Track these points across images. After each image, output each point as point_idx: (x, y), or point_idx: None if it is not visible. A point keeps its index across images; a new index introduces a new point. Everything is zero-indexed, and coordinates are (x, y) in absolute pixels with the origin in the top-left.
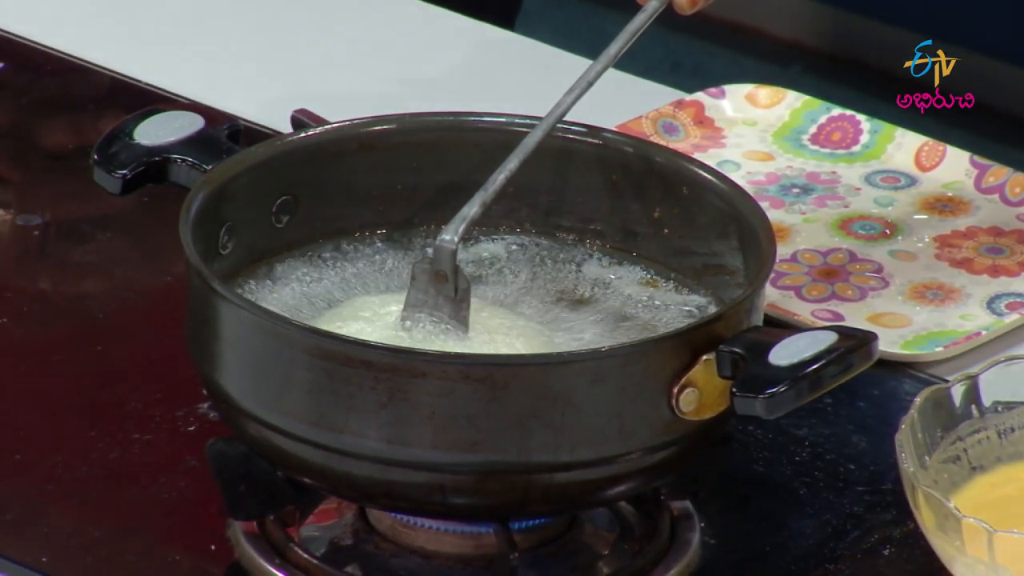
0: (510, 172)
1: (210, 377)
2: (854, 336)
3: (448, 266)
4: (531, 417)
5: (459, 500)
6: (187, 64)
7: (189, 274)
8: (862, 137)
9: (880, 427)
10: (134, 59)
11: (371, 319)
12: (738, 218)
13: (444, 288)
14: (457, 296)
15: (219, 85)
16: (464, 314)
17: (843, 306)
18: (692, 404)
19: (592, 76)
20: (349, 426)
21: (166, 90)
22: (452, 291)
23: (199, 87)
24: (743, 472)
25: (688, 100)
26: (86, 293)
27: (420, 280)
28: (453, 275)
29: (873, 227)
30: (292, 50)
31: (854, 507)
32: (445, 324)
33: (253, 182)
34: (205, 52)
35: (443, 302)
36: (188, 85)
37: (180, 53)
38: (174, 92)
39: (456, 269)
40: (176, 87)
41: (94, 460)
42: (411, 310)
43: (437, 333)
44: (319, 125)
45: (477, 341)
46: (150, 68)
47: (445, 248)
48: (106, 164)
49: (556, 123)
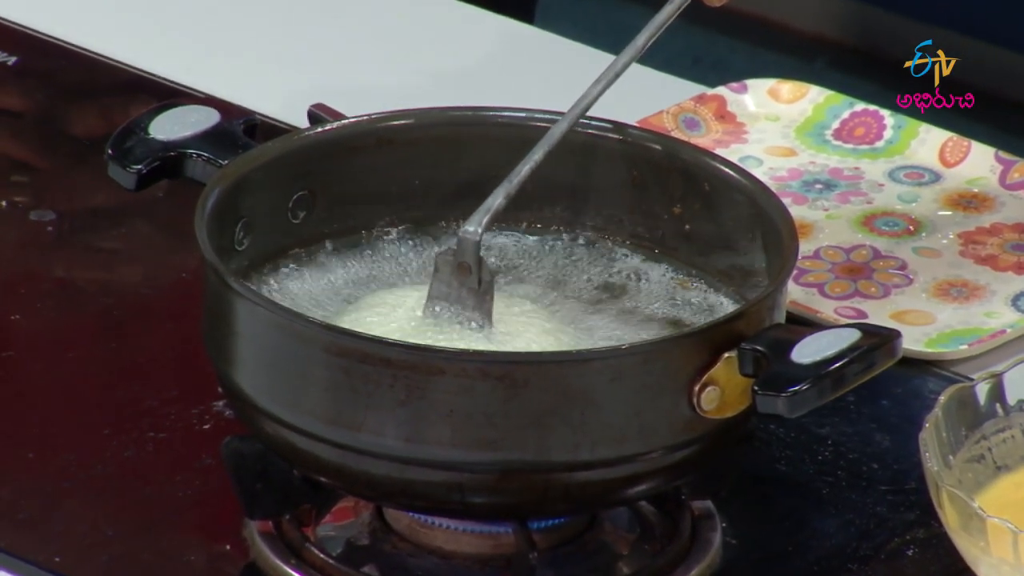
0: (535, 163)
1: (226, 374)
2: (877, 334)
3: (472, 258)
4: (550, 415)
5: (477, 499)
6: (203, 58)
7: (204, 270)
8: (886, 132)
9: (904, 426)
10: (149, 53)
11: (389, 315)
12: (760, 214)
13: (468, 280)
14: (481, 288)
15: (235, 79)
16: (488, 306)
17: (866, 303)
18: (713, 402)
19: (619, 67)
20: (366, 424)
21: (182, 84)
22: (476, 283)
23: (215, 81)
24: (765, 471)
25: (710, 95)
26: (100, 288)
27: (443, 272)
28: (477, 267)
29: (897, 223)
30: (309, 44)
31: (877, 507)
32: (467, 316)
33: (269, 177)
34: (221, 46)
35: (466, 294)
36: (204, 79)
37: (196, 47)
38: (190, 86)
39: (480, 261)
40: (192, 81)
41: (108, 458)
42: (433, 302)
43: (458, 326)
44: (336, 120)
45: (498, 336)
46: (165, 62)
47: (469, 239)
48: (121, 159)
49: (583, 114)
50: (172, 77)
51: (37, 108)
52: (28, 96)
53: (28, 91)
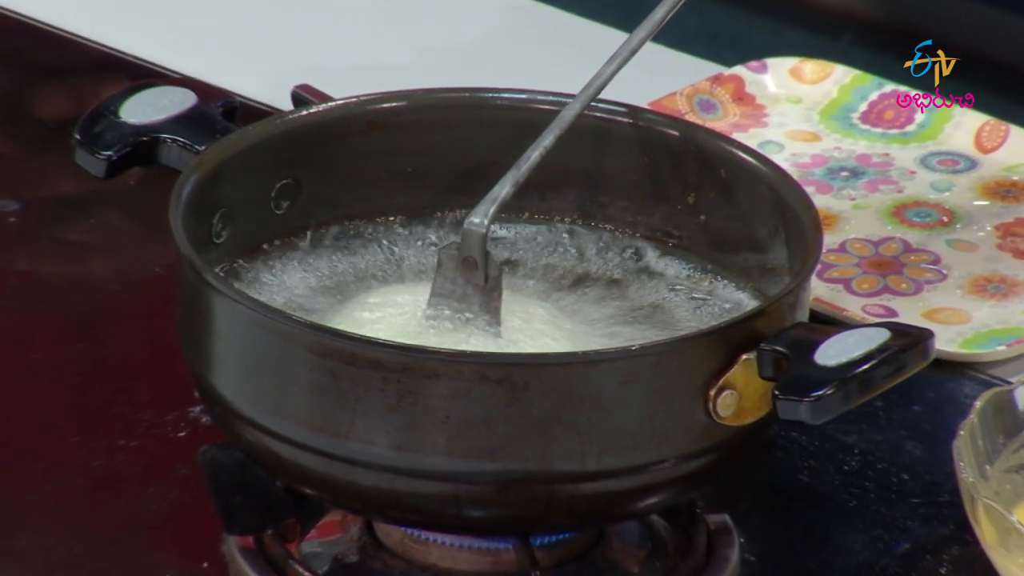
0: (545, 149)
1: (203, 377)
2: (908, 334)
3: (478, 252)
4: (554, 422)
5: (475, 513)
6: (178, 36)
7: (180, 265)
8: (917, 116)
9: (937, 433)
10: (121, 31)
11: (388, 314)
12: (781, 204)
13: (474, 276)
14: (488, 284)
15: (213, 58)
16: (495, 304)
17: (896, 301)
18: (731, 408)
19: (635, 44)
20: (355, 431)
21: (156, 64)
22: (482, 279)
23: (191, 61)
24: (786, 482)
25: (727, 75)
26: (68, 284)
27: (447, 267)
28: (483, 261)
29: (929, 214)
30: (293, 19)
31: (908, 521)
32: (472, 315)
33: (250, 164)
34: (198, 22)
35: (472, 291)
36: (179, 58)
37: (171, 24)
38: (164, 66)
39: (487, 255)
40: (166, 60)
41: (76, 468)
42: (437, 300)
43: (465, 326)
44: (323, 102)
45: (511, 336)
46: (138, 40)
47: (475, 232)
48: (89, 144)
49: (596, 95)
50: (145, 56)
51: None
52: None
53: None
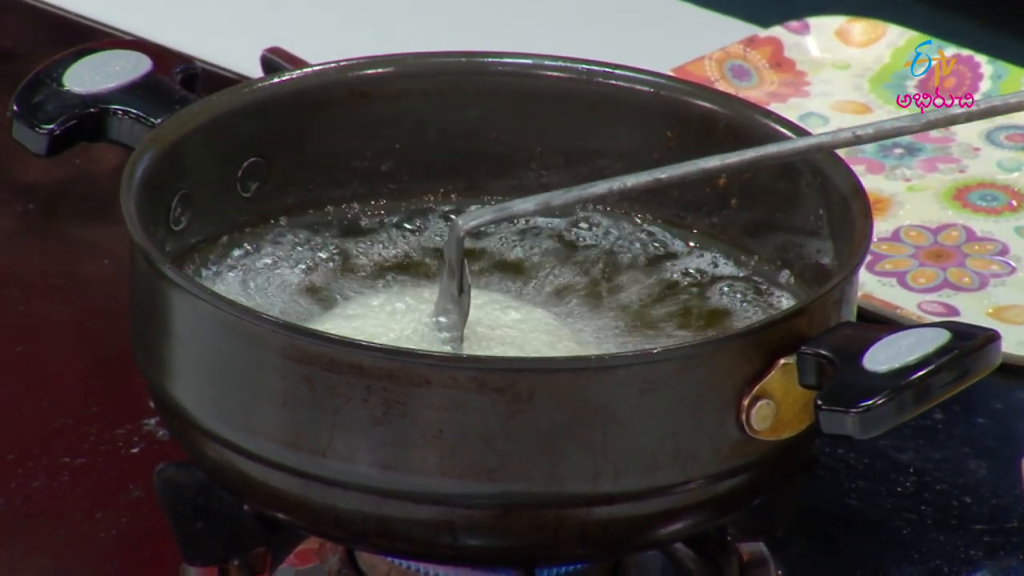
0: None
1: (159, 386)
2: (971, 335)
3: (454, 255)
4: (564, 437)
5: (472, 541)
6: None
7: (133, 255)
8: (982, 84)
9: (1004, 450)
10: None
11: (387, 318)
12: (825, 186)
13: (451, 283)
14: (460, 296)
15: (170, 18)
16: (462, 321)
17: (958, 297)
18: (767, 420)
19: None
20: (334, 448)
21: (104, 23)
22: (456, 288)
23: (145, 20)
24: (831, 507)
25: (763, 37)
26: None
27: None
28: (459, 268)
29: (996, 197)
30: None
31: (971, 550)
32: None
33: (213, 140)
34: None
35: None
36: (131, 17)
37: None
38: (114, 26)
39: (462, 263)
40: (117, 20)
41: (13, 491)
42: (444, 302)
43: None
44: (297, 68)
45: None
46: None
47: (453, 232)
48: (28, 117)
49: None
50: (92, 15)
51: None
52: None
53: None
